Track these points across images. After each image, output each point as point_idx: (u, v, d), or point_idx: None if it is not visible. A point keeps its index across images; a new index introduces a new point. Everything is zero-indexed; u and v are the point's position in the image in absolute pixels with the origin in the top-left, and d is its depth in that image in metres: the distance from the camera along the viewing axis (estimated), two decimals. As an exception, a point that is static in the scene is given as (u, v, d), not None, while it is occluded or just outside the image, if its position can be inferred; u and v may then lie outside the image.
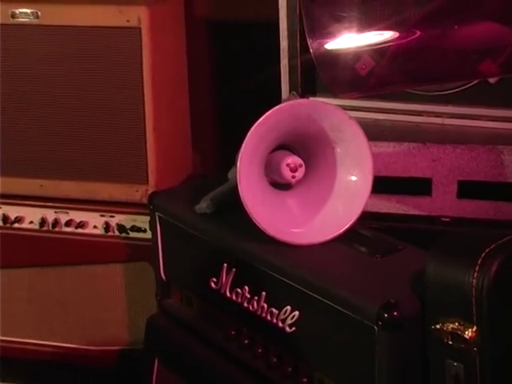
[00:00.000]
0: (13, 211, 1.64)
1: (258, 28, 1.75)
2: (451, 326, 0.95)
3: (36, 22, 1.52)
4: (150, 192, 1.45)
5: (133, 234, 1.59)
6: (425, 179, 1.35)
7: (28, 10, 1.52)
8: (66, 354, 1.69)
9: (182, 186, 1.52)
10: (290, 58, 1.48)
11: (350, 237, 1.16)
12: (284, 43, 1.47)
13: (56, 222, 1.62)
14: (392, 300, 0.99)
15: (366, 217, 1.19)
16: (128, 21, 1.49)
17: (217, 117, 1.95)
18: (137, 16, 1.49)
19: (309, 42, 1.33)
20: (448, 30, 1.26)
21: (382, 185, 1.25)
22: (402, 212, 1.37)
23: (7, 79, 1.56)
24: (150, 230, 1.41)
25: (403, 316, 0.98)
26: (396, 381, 1.01)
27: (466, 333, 0.94)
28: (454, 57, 1.29)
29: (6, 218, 1.64)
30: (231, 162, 1.24)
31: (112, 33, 1.50)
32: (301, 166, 1.17)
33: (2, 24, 1.53)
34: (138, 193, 1.57)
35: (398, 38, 1.29)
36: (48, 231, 1.63)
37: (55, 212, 1.62)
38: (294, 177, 1.17)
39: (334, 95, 1.41)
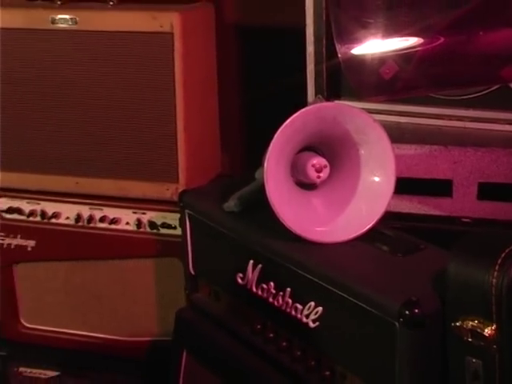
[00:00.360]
0: (50, 207, 1.65)
1: (286, 33, 1.75)
2: (471, 323, 0.94)
3: (74, 27, 1.54)
4: (180, 190, 1.45)
5: (163, 231, 1.60)
6: (446, 181, 1.33)
7: (67, 16, 1.54)
8: (98, 344, 1.70)
9: (211, 185, 1.52)
10: (316, 62, 1.47)
11: (372, 236, 1.15)
12: (310, 48, 1.47)
13: (91, 218, 1.64)
14: (413, 298, 0.98)
15: (388, 217, 1.18)
16: (161, 26, 1.49)
17: (244, 119, 1.96)
18: (169, 22, 1.49)
19: (337, 47, 1.33)
20: (472, 36, 1.24)
21: (404, 186, 1.24)
22: (424, 212, 1.36)
23: (47, 81, 1.58)
24: (180, 226, 1.42)
25: (424, 313, 0.97)
26: (416, 376, 1.00)
27: (486, 330, 0.93)
28: (476, 62, 1.28)
29: (43, 214, 1.65)
30: (258, 162, 1.24)
31: (146, 38, 1.51)
32: (326, 166, 1.16)
33: (43, 29, 1.55)
34: (168, 191, 1.57)
35: (422, 44, 1.28)
36: (83, 227, 1.64)
37: (90, 208, 1.64)
38: (319, 177, 1.16)
39: (361, 98, 1.40)
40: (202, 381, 1.36)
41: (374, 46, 1.31)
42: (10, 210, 1.67)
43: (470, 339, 0.95)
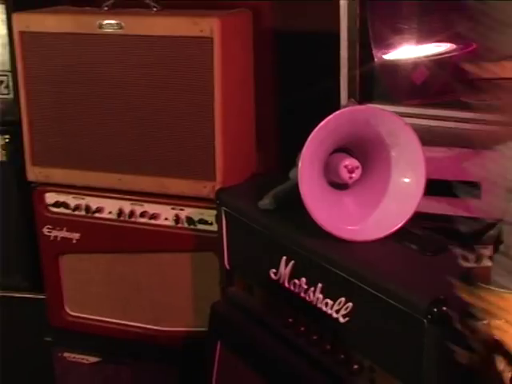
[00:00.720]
0: (94, 202, 1.67)
1: (320, 38, 1.74)
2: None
3: (120, 32, 1.55)
4: (217, 188, 1.46)
5: (200, 226, 1.60)
6: (474, 183, 1.31)
7: (113, 22, 1.55)
8: (137, 333, 1.71)
9: (247, 184, 1.52)
10: (350, 66, 1.46)
11: (402, 235, 1.15)
12: (344, 52, 1.46)
13: (132, 213, 1.65)
14: (441, 296, 0.97)
15: (417, 217, 1.17)
16: (201, 31, 1.50)
17: (279, 121, 1.95)
18: (209, 27, 1.50)
19: (374, 51, 1.32)
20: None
21: (433, 187, 1.23)
22: (452, 214, 1.34)
23: (92, 83, 1.60)
24: (216, 222, 1.42)
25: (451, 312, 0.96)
26: (443, 372, 0.99)
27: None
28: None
29: (88, 208, 1.67)
30: (292, 162, 1.24)
31: (187, 42, 1.51)
32: (357, 167, 1.16)
33: (91, 34, 1.57)
34: (205, 189, 1.58)
35: (453, 50, 1.26)
36: (124, 221, 1.66)
37: (131, 204, 1.65)
38: (351, 177, 1.16)
39: (393, 102, 1.39)
40: (235, 371, 1.37)
41: (408, 51, 1.30)
42: (57, 204, 1.69)
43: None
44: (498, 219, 1.29)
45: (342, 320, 1.12)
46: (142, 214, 1.64)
